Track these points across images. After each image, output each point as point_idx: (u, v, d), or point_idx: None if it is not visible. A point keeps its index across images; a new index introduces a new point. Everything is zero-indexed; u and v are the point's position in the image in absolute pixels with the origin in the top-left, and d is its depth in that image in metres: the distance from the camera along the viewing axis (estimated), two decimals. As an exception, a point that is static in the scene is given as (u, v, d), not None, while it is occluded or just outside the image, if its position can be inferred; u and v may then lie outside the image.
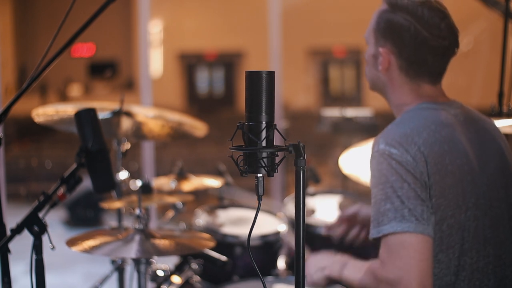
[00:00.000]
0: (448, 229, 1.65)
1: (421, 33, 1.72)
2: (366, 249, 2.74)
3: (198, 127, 2.81)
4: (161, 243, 1.97)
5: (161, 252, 1.92)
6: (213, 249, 2.35)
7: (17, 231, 1.64)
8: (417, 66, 1.77)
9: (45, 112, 2.57)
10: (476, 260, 1.69)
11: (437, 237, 1.65)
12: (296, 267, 1.32)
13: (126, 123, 2.63)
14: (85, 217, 6.74)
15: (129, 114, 2.67)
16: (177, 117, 2.85)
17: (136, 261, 2.20)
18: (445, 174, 1.65)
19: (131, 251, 1.91)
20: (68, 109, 2.57)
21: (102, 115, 2.58)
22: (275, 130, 1.29)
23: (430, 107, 1.76)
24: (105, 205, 2.44)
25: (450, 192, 1.65)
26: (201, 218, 2.90)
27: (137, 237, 1.97)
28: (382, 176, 1.66)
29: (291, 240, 2.82)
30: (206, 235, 2.15)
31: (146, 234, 1.99)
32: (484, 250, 1.70)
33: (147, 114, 2.77)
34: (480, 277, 1.69)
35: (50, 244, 1.68)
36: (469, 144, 1.73)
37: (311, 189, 3.19)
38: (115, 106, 2.68)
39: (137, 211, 2.04)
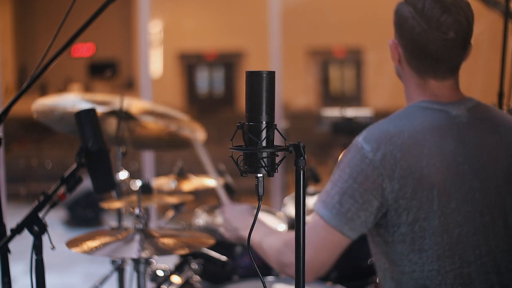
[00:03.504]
0: (420, 231, 1.65)
1: (420, 25, 1.71)
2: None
3: (197, 131, 2.81)
4: (162, 242, 1.97)
5: (162, 251, 1.92)
6: (213, 249, 2.35)
7: (17, 231, 1.64)
8: (419, 59, 1.75)
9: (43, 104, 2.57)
10: (459, 266, 1.67)
11: (409, 237, 1.66)
12: (296, 267, 1.32)
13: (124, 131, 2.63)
14: (85, 217, 6.74)
15: (129, 114, 2.67)
16: (178, 114, 2.85)
17: (136, 261, 2.20)
18: (419, 177, 1.65)
19: (132, 251, 1.91)
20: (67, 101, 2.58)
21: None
22: (275, 130, 1.29)
23: (428, 107, 1.74)
24: (105, 205, 2.44)
25: (423, 196, 1.65)
26: (201, 218, 2.90)
27: (137, 237, 1.97)
28: (342, 163, 1.73)
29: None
30: (206, 235, 2.15)
31: (146, 234, 2.00)
32: (469, 257, 1.68)
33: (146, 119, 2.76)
34: (463, 282, 1.67)
35: (50, 244, 1.68)
36: (462, 148, 1.70)
37: (311, 189, 3.19)
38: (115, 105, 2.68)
39: (137, 211, 2.04)
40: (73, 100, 2.61)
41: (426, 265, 1.66)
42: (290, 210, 3.00)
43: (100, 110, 2.53)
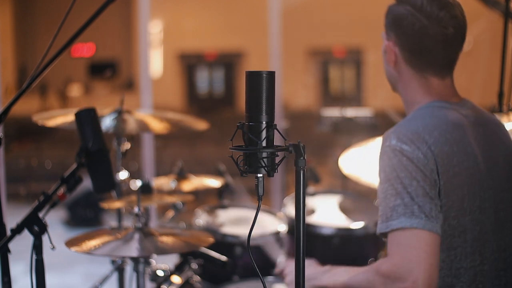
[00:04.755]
0: (449, 230, 1.65)
1: (420, 21, 1.71)
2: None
3: (198, 123, 2.81)
4: (161, 240, 1.97)
5: (161, 250, 1.92)
6: (213, 249, 2.35)
7: (17, 231, 1.64)
8: (419, 55, 1.75)
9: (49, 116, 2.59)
10: (479, 263, 1.68)
11: None
12: (296, 267, 1.32)
13: (127, 120, 2.63)
14: (85, 217, 6.74)
15: (129, 114, 2.67)
16: (177, 116, 2.85)
17: (135, 261, 2.20)
18: (452, 175, 1.65)
19: (131, 249, 1.91)
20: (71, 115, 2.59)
21: (107, 117, 2.60)
22: (275, 130, 1.29)
23: (442, 106, 1.74)
24: (105, 205, 2.44)
25: (455, 194, 1.65)
26: (201, 218, 2.90)
27: (136, 236, 1.97)
28: (392, 172, 1.65)
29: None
30: (206, 234, 2.15)
31: (146, 233, 2.00)
32: (488, 253, 1.69)
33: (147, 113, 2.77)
34: (482, 280, 1.68)
35: (50, 244, 1.68)
36: (478, 146, 1.72)
37: (311, 189, 3.19)
38: (114, 107, 2.68)
39: (136, 209, 2.04)
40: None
41: (454, 263, 1.66)
42: (290, 210, 3.00)
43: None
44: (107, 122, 2.57)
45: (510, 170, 1.77)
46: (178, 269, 2.41)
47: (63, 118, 2.55)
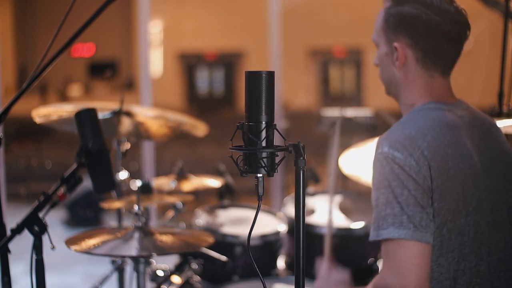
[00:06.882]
0: (448, 234, 1.64)
1: (434, 19, 1.69)
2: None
3: (198, 127, 2.81)
4: (161, 240, 1.97)
5: (161, 250, 1.92)
6: (213, 249, 2.35)
7: (17, 231, 1.64)
8: (434, 54, 1.73)
9: (46, 113, 2.57)
10: (475, 264, 1.67)
11: (438, 241, 1.64)
12: (296, 267, 1.31)
13: (126, 123, 2.63)
14: (85, 217, 6.74)
15: (129, 114, 2.67)
16: (177, 117, 2.85)
17: (135, 261, 2.20)
18: (447, 178, 1.64)
19: (131, 249, 1.91)
20: (68, 109, 2.57)
21: (102, 115, 2.59)
22: (275, 130, 1.29)
23: (437, 107, 1.73)
24: (105, 205, 2.44)
25: (451, 197, 1.64)
26: (201, 218, 2.90)
27: (136, 235, 1.97)
28: (384, 180, 1.65)
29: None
30: (206, 234, 2.15)
31: (146, 232, 1.99)
32: (484, 254, 1.68)
33: (147, 114, 2.77)
34: (479, 281, 1.67)
35: (50, 244, 1.68)
36: (474, 147, 1.71)
37: (311, 189, 3.18)
38: (115, 106, 2.68)
39: (135, 208, 2.04)
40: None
41: (452, 265, 1.66)
42: (290, 210, 3.00)
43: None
44: (103, 125, 2.57)
45: (506, 171, 1.76)
46: (178, 269, 2.41)
47: (61, 113, 2.55)
